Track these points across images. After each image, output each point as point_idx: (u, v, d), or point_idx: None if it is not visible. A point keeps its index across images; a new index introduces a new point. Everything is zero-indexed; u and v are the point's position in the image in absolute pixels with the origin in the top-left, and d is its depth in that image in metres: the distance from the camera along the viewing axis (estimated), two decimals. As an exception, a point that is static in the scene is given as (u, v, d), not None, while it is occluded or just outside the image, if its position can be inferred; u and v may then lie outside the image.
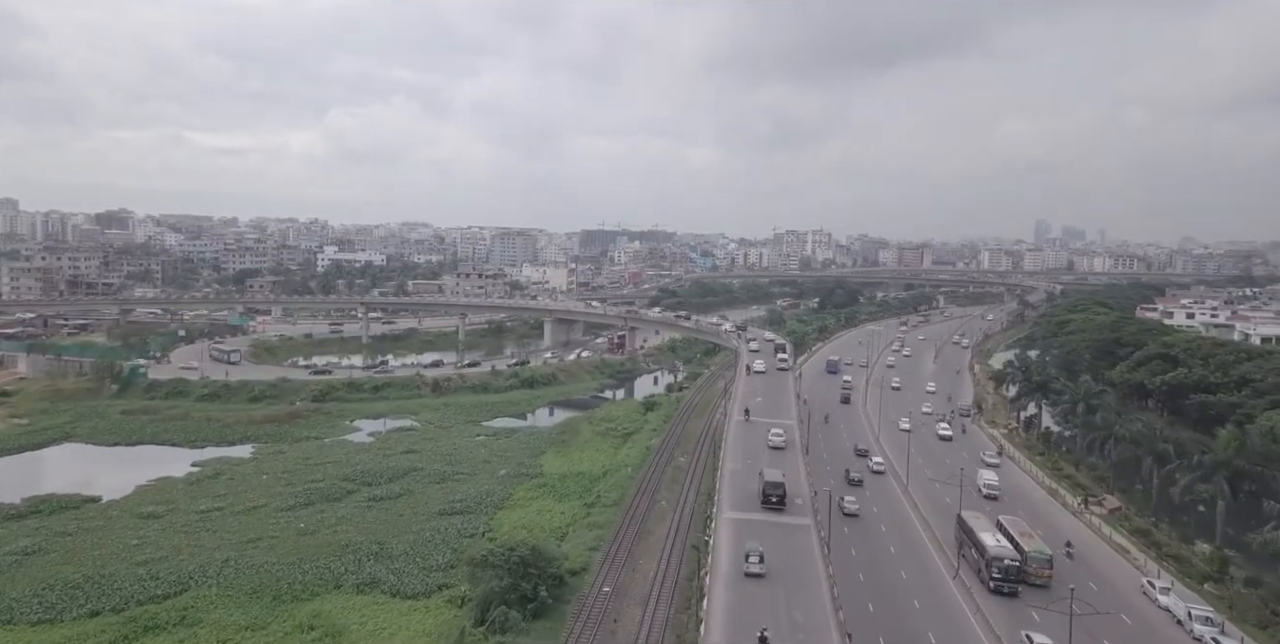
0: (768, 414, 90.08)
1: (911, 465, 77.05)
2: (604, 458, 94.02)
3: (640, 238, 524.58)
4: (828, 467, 78.59)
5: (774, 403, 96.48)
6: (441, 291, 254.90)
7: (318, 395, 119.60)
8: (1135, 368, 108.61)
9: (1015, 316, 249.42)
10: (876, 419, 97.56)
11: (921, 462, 79.78)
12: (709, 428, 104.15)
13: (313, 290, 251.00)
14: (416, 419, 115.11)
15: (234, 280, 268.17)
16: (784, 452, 76.66)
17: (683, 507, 74.26)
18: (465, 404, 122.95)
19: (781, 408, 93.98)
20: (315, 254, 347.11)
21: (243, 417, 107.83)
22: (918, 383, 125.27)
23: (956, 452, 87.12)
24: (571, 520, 72.36)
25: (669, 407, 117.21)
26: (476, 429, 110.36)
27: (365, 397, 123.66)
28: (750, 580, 49.30)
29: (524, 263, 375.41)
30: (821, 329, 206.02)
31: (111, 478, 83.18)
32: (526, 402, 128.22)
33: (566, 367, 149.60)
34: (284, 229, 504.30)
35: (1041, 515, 68.95)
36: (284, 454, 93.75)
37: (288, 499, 76.80)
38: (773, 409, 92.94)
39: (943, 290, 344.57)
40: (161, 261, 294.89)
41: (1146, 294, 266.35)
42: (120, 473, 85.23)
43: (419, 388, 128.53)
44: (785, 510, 61.40)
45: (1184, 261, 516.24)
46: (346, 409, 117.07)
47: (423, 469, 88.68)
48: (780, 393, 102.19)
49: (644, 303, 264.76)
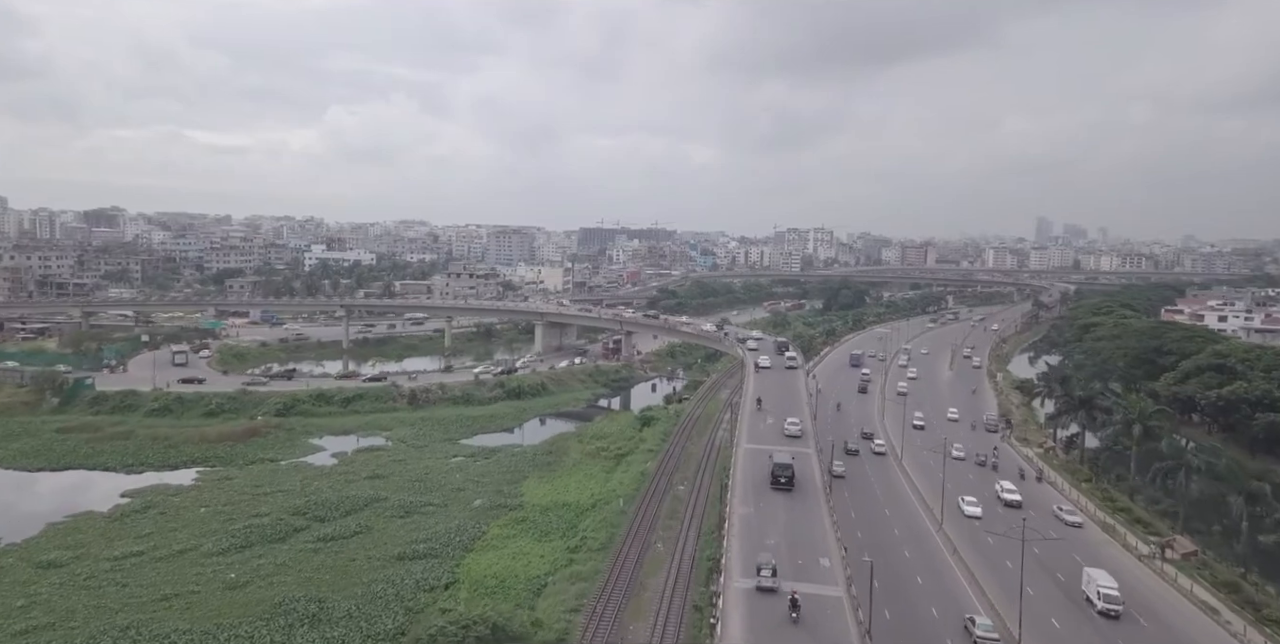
0: (782, 412, 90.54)
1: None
2: (593, 485, 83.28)
3: (640, 236, 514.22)
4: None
5: (787, 403, 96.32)
6: (430, 292, 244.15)
7: (281, 408, 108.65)
8: (1183, 380, 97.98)
9: (1030, 318, 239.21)
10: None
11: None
12: (711, 449, 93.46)
13: (295, 291, 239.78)
14: (389, 436, 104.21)
15: (214, 280, 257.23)
16: (800, 439, 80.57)
17: (682, 549, 63.66)
18: (444, 419, 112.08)
19: (794, 407, 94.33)
20: (302, 253, 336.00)
21: (194, 434, 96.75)
22: (938, 406, 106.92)
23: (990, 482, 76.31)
24: (552, 567, 61.60)
25: (667, 422, 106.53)
26: (453, 448, 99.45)
27: (334, 410, 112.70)
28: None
29: (520, 262, 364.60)
30: (829, 332, 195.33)
31: (20, 513, 71.98)
32: (511, 415, 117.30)
33: (557, 375, 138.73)
34: (278, 227, 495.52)
35: (1100, 559, 58.18)
36: (231, 481, 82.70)
37: (223, 539, 65.91)
38: (788, 409, 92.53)
39: (949, 290, 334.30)
40: (141, 260, 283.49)
41: (1165, 295, 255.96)
42: (34, 506, 74.30)
43: (394, 400, 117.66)
44: (794, 492, 65.21)
45: (1192, 260, 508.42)
46: (312, 425, 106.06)
47: (386, 499, 77.86)
48: (791, 392, 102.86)
49: (642, 303, 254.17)
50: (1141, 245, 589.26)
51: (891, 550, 58.34)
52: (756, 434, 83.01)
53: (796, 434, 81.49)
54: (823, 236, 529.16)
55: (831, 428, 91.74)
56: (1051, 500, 72.21)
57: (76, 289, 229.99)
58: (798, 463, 68.91)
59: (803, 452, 75.07)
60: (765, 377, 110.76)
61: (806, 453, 75.30)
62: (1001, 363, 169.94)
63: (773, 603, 46.17)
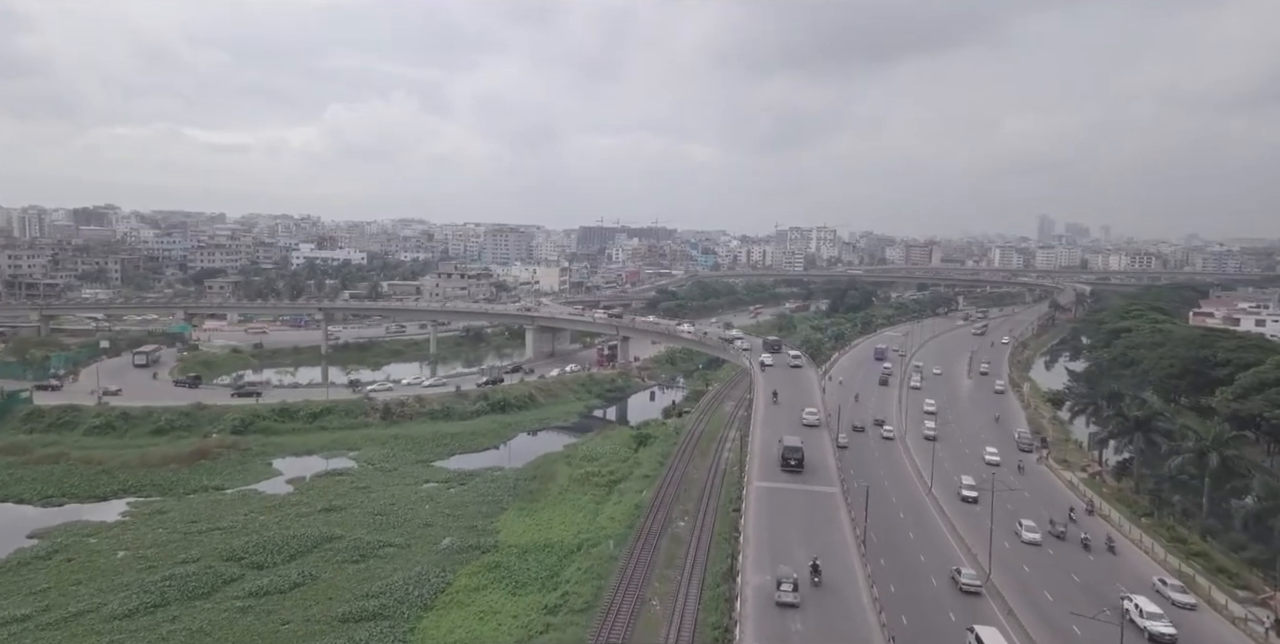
0: (798, 406, 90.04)
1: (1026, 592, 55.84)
2: (581, 519, 72.67)
3: (640, 235, 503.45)
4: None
5: (803, 399, 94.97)
6: (419, 293, 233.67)
7: (239, 425, 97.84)
8: (1245, 395, 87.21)
9: (1046, 320, 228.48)
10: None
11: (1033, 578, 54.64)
12: (715, 474, 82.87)
13: (279, 292, 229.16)
14: (356, 457, 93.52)
15: (194, 281, 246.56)
16: (818, 429, 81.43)
17: (683, 605, 53.13)
18: (419, 436, 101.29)
19: (808, 401, 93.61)
20: (290, 252, 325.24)
21: (134, 457, 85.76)
22: (972, 444, 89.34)
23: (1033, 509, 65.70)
24: (526, 633, 50.97)
25: (665, 441, 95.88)
26: (426, 472, 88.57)
27: (299, 426, 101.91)
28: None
29: (516, 261, 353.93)
30: (838, 336, 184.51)
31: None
32: (494, 432, 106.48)
33: (547, 385, 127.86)
34: (273, 226, 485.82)
35: (1184, 624, 47.47)
36: (164, 515, 71.88)
37: (133, 596, 55.05)
38: (804, 403, 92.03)
39: (957, 290, 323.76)
40: (121, 260, 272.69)
41: (1186, 296, 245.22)
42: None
43: (366, 415, 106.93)
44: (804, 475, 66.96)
45: (1203, 259, 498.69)
46: (271, 444, 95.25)
47: (340, 538, 67.17)
48: (804, 389, 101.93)
49: (642, 305, 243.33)
50: (1148, 244, 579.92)
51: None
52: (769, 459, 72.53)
53: (815, 424, 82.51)
54: (825, 235, 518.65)
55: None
56: (1109, 539, 61.80)
57: (47, 289, 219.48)
58: (814, 448, 71.72)
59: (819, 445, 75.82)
60: (772, 374, 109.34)
61: (824, 448, 75.59)
62: (1022, 369, 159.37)
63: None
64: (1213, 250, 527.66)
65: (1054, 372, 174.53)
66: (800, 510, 59.19)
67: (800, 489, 63.96)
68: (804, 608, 43.51)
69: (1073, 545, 60.66)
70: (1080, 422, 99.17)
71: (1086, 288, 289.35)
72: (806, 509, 59.65)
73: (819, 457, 71.52)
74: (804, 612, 43.30)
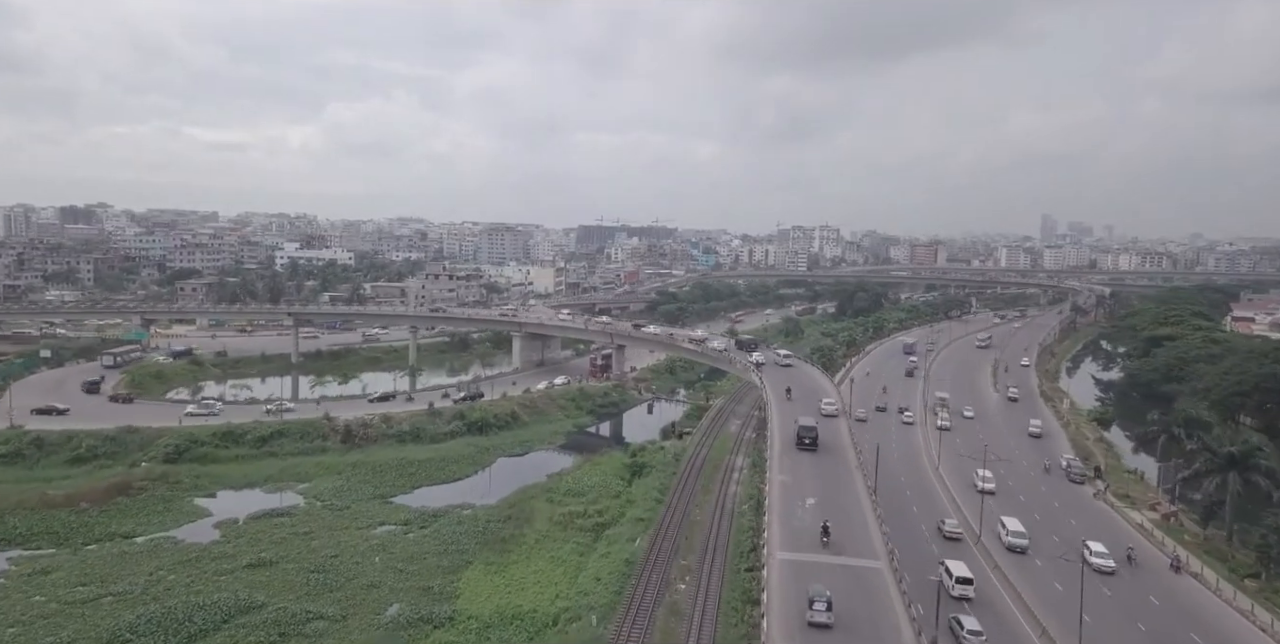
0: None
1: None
2: (560, 577, 59.76)
3: (640, 234, 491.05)
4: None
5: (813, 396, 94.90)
6: (405, 295, 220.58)
7: (172, 452, 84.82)
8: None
9: (1067, 323, 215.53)
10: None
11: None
12: (723, 513, 70.08)
13: (255, 294, 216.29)
14: (305, 491, 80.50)
15: (167, 282, 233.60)
16: (836, 419, 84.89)
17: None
18: (382, 463, 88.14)
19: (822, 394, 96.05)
20: (274, 252, 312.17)
21: (33, 495, 72.45)
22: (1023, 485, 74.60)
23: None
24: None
25: (663, 470, 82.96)
26: (383, 511, 75.35)
27: (246, 452, 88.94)
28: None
29: (511, 261, 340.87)
30: (849, 343, 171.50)
31: None
32: (470, 457, 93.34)
33: (532, 401, 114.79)
34: (266, 224, 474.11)
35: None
36: (48, 577, 58.57)
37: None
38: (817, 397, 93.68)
39: (968, 291, 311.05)
40: (95, 260, 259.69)
41: (1213, 298, 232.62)
42: None
43: (324, 437, 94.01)
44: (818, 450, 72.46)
45: (1214, 259, 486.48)
46: (207, 476, 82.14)
47: (262, 608, 54.17)
48: (814, 385, 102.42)
49: (640, 307, 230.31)
50: (1155, 244, 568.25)
51: None
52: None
53: (833, 414, 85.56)
54: (828, 234, 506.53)
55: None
56: (1207, 608, 49.30)
57: (8, 291, 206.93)
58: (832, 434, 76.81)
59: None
60: (771, 371, 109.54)
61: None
62: (1050, 377, 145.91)
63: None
64: (1224, 250, 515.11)
65: (1079, 378, 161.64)
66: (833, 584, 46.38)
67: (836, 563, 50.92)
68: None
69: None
70: (1124, 439, 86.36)
71: (1105, 290, 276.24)
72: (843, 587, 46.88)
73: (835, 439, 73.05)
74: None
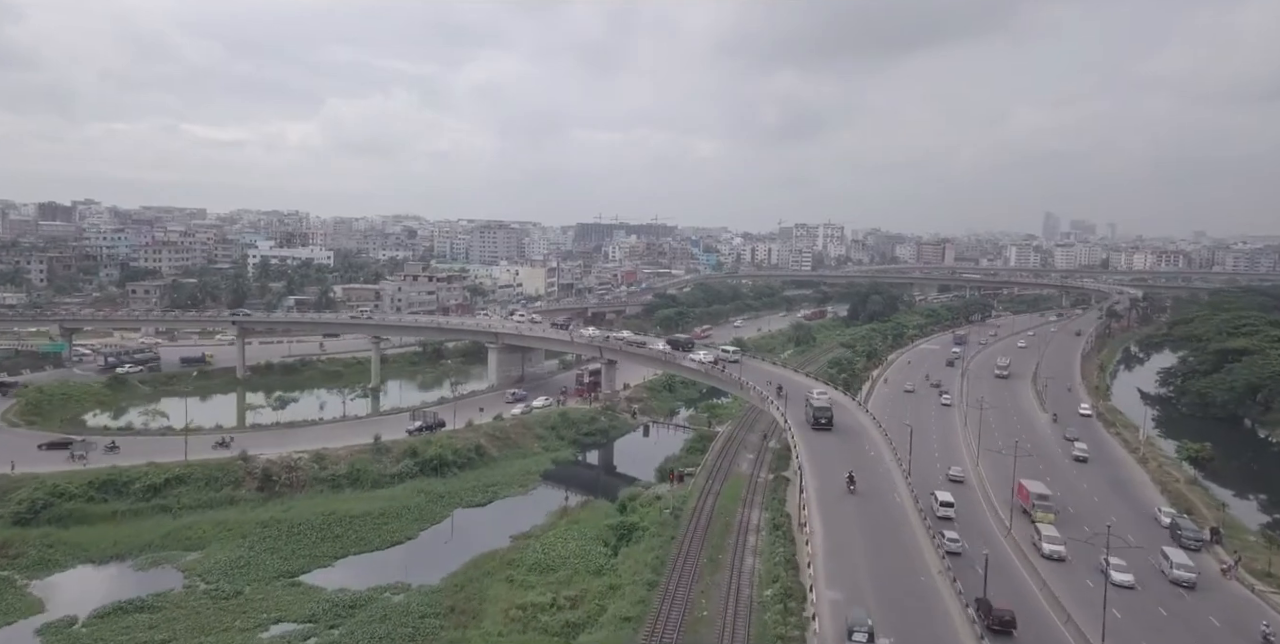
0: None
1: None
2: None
3: (639, 232, 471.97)
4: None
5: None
6: (379, 298, 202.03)
7: (25, 511, 66.13)
8: None
9: (1102, 330, 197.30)
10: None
11: None
12: (738, 602, 51.61)
13: (219, 296, 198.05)
14: (190, 565, 61.87)
15: (120, 283, 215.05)
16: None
17: None
18: (303, 522, 69.43)
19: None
20: (247, 250, 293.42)
21: None
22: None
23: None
24: None
25: (659, 532, 64.43)
26: (287, 598, 56.70)
27: (129, 506, 70.37)
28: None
29: (504, 260, 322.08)
30: (869, 354, 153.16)
31: None
32: (418, 509, 74.48)
33: (503, 430, 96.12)
34: (256, 222, 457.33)
35: None
36: None
37: None
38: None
39: (982, 292, 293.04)
40: (49, 259, 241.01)
41: (1260, 301, 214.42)
42: None
43: (236, 483, 75.46)
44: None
45: (1233, 258, 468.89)
46: (65, 543, 63.35)
47: None
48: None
49: (638, 310, 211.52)
50: (1163, 241, 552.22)
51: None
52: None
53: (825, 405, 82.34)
54: (833, 232, 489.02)
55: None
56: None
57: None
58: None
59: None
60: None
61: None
62: (1100, 394, 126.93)
63: None
64: (1240, 249, 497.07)
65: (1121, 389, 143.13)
66: None
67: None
68: None
69: None
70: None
71: (1137, 292, 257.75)
72: None
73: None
74: None
